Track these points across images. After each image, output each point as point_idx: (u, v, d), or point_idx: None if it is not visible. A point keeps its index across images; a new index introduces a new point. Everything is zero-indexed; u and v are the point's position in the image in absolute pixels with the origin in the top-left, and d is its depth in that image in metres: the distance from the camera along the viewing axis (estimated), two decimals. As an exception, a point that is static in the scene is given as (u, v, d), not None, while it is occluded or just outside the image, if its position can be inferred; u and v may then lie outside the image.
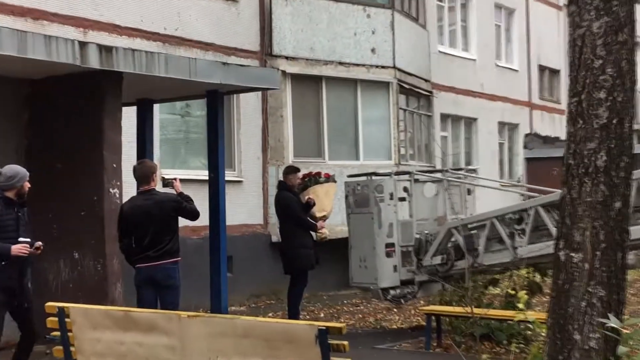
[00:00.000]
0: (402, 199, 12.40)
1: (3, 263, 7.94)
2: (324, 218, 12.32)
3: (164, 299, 9.04)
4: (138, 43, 13.77)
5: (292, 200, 11.91)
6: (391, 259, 12.03)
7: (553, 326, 5.65)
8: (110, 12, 13.66)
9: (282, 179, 12.38)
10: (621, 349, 3.77)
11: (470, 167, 20.64)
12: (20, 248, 7.96)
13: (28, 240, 8.05)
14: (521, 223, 10.72)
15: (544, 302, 12.17)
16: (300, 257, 11.80)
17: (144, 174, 9.07)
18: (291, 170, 12.28)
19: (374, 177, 12.33)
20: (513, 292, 10.52)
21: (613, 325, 4.39)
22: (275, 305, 15.05)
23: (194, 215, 9.20)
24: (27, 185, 8.18)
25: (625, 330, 5.19)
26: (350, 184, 12.46)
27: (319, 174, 12.53)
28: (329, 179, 12.42)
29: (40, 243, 8.11)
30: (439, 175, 13.20)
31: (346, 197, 12.46)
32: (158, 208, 8.92)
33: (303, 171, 12.57)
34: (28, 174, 8.21)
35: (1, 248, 7.92)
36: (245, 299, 15.47)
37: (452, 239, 11.58)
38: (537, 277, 11.64)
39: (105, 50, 9.11)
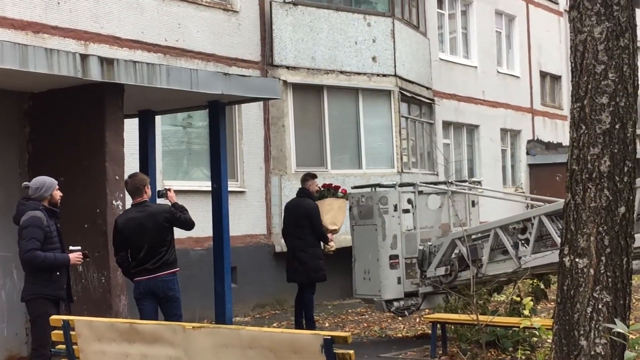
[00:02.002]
0: (406, 211, 12.38)
1: (57, 274, 7.98)
2: (335, 231, 12.42)
3: (167, 312, 9.02)
4: (139, 55, 13.79)
5: (318, 211, 12.09)
6: (395, 271, 11.99)
7: (559, 332, 5.63)
8: (111, 25, 13.68)
9: (302, 187, 12.47)
10: (628, 354, 3.75)
11: (474, 179, 20.67)
12: (76, 256, 8.07)
13: (79, 248, 8.13)
14: (525, 233, 10.67)
15: (549, 309, 12.16)
16: (321, 268, 12.14)
17: (135, 186, 9.05)
18: (310, 176, 12.51)
19: (378, 189, 12.31)
20: (518, 299, 10.51)
21: (619, 330, 4.37)
22: (280, 315, 15.03)
23: (188, 225, 9.18)
24: (58, 193, 8.27)
25: (631, 336, 5.18)
26: (355, 195, 12.44)
27: (337, 187, 12.71)
28: (345, 195, 12.59)
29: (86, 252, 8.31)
30: (443, 187, 13.18)
31: (350, 208, 12.45)
32: (151, 220, 8.91)
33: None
34: (56, 182, 8.26)
35: (60, 258, 8.02)
36: (250, 309, 15.45)
37: (456, 250, 11.56)
38: (541, 285, 11.60)
39: (107, 63, 9.13)
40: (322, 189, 12.58)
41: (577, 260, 5.60)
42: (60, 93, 9.57)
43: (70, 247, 8.14)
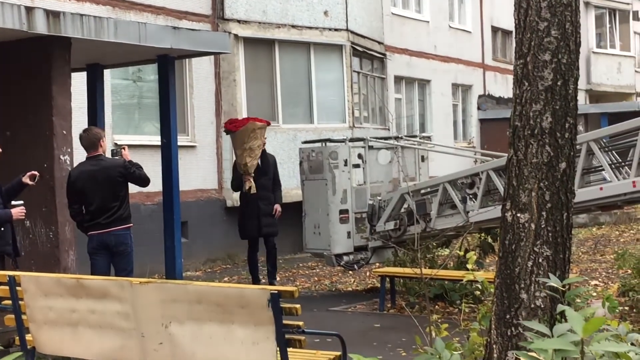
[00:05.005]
0: (356, 166, 12.46)
1: (2, 229, 7.94)
2: (243, 170, 12.18)
3: (118, 266, 9.06)
4: (87, 8, 13.60)
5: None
6: (345, 225, 12.10)
7: (500, 286, 5.72)
8: (59, -23, 13.46)
9: None
10: (560, 307, 3.86)
11: (424, 134, 20.76)
12: (19, 211, 8.00)
13: (21, 202, 8.05)
14: (473, 187, 10.82)
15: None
16: (242, 226, 12.40)
17: (90, 141, 9.03)
18: None
19: (328, 144, 12.36)
20: (462, 253, 10.66)
21: (553, 284, 4.48)
22: (231, 270, 15.10)
23: (143, 181, 9.17)
24: None
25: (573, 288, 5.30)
26: (305, 150, 12.48)
27: (232, 126, 12.50)
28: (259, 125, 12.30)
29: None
30: (393, 141, 13.26)
31: (300, 163, 12.48)
32: (104, 173, 8.90)
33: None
34: None
35: (2, 214, 7.96)
36: (201, 263, 15.49)
37: (405, 205, 11.67)
38: (489, 240, 11.78)
39: (53, 16, 9.00)
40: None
41: (518, 215, 5.69)
42: (5, 46, 9.42)
43: (13, 202, 8.09)
